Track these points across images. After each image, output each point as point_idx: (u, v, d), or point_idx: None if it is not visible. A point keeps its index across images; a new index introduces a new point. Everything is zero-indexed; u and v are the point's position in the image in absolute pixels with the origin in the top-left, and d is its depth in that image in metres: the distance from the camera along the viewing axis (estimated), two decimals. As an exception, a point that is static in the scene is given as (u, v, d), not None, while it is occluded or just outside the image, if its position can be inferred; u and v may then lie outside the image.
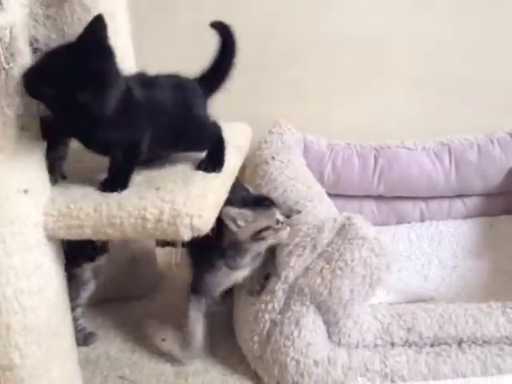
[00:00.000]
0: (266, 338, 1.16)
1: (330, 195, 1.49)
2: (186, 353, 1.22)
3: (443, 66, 1.76)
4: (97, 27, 0.89)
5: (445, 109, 1.77)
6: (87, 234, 0.96)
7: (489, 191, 1.70)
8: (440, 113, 1.77)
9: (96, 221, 0.95)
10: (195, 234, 0.95)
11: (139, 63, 1.44)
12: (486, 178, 1.67)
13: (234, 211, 1.11)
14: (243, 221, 1.12)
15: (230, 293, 1.31)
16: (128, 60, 1.36)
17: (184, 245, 1.54)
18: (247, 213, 1.12)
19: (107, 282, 1.45)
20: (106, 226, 0.95)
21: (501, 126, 1.70)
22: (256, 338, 1.17)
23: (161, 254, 1.59)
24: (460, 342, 1.14)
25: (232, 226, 1.11)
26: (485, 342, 1.14)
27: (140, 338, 1.32)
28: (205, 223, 0.95)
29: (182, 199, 0.95)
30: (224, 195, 1.07)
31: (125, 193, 0.99)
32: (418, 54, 1.76)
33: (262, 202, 1.16)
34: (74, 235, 0.96)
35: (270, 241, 1.14)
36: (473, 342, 1.14)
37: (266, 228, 1.12)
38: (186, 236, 0.94)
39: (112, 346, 1.29)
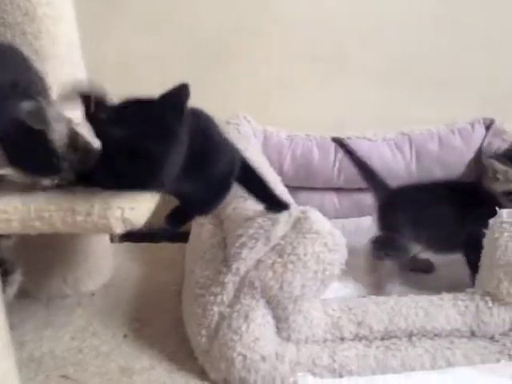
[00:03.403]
0: (213, 331, 1.13)
1: (291, 188, 1.46)
2: None
3: (404, 57, 1.75)
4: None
5: (405, 100, 1.75)
6: (15, 228, 0.92)
7: (450, 182, 1.67)
8: (401, 103, 1.76)
9: (24, 214, 0.91)
10: (128, 228, 0.92)
11: (92, 53, 1.41)
12: (447, 169, 1.64)
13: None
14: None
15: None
16: (74, 48, 1.33)
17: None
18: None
19: (59, 278, 1.43)
20: (35, 220, 0.91)
21: (462, 117, 1.68)
22: (204, 332, 1.14)
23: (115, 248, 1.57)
24: (410, 336, 1.12)
25: None
26: (435, 335, 1.12)
27: (89, 335, 1.28)
28: (138, 216, 0.91)
29: (113, 192, 0.92)
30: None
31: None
32: (379, 44, 1.74)
33: None
34: (2, 230, 0.93)
35: None
36: (423, 335, 1.12)
37: None
38: (119, 229, 0.91)
39: (58, 344, 1.25)
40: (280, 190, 1.30)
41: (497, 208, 1.15)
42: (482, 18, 1.73)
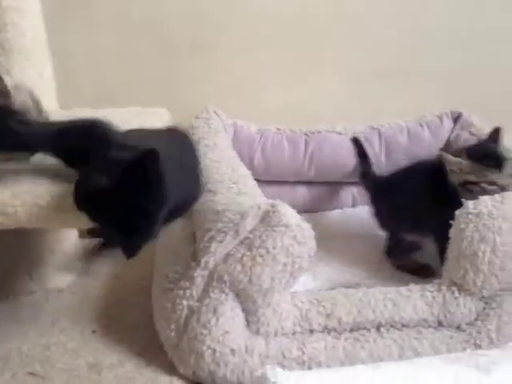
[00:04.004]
0: (183, 325, 1.12)
1: (261, 182, 1.46)
2: None
3: (374, 52, 1.75)
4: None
5: (376, 93, 1.76)
6: (-22, 223, 0.91)
7: (419, 175, 1.68)
8: (371, 98, 1.76)
9: (-13, 209, 0.90)
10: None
11: (59, 47, 1.40)
12: (416, 162, 1.66)
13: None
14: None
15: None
16: (40, 41, 1.32)
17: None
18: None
19: (25, 275, 1.41)
20: (-1, 215, 0.91)
21: (431, 110, 1.70)
22: (173, 326, 1.13)
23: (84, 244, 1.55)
24: (379, 327, 1.13)
25: None
26: (403, 325, 1.13)
27: (56, 332, 1.27)
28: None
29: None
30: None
31: (19, 180, 0.94)
32: (349, 39, 1.74)
33: None
34: (-35, 224, 0.92)
35: None
36: (391, 326, 1.13)
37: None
38: (84, 224, 0.90)
39: (25, 341, 1.23)
40: (250, 183, 1.30)
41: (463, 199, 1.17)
42: (447, 13, 1.75)
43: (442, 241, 1.19)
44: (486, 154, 1.28)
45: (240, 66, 1.75)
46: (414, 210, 1.34)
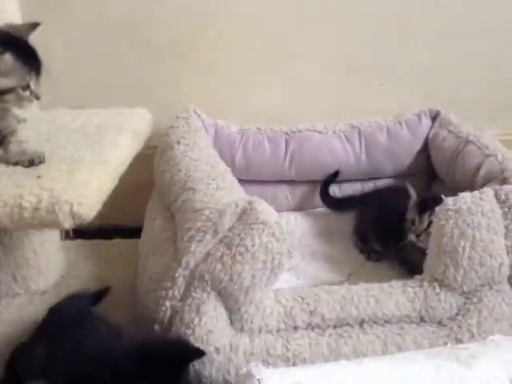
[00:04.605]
0: (167, 326, 1.12)
1: (243, 181, 1.47)
2: None
3: (354, 50, 1.76)
4: None
5: (356, 91, 1.77)
6: (-42, 224, 0.91)
7: (398, 173, 1.70)
8: (352, 96, 1.77)
9: (-32, 211, 0.90)
10: (77, 222, 0.91)
11: (40, 49, 1.38)
12: (396, 160, 1.68)
13: None
14: None
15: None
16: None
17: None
18: None
19: (9, 276, 1.40)
20: (-19, 217, 0.90)
21: (410, 108, 1.72)
22: (157, 327, 1.13)
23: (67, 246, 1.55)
24: (362, 323, 1.14)
25: None
26: (386, 321, 1.14)
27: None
28: (87, 210, 0.91)
29: (61, 186, 0.91)
30: (113, 181, 1.03)
31: (2, 182, 0.94)
32: (329, 37, 1.75)
33: None
34: None
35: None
36: (374, 322, 1.14)
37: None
38: (67, 224, 0.90)
39: (9, 343, 1.23)
40: (229, 178, 1.31)
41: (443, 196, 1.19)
42: (429, 11, 1.76)
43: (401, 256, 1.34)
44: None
45: (220, 67, 1.75)
46: (382, 226, 1.45)
